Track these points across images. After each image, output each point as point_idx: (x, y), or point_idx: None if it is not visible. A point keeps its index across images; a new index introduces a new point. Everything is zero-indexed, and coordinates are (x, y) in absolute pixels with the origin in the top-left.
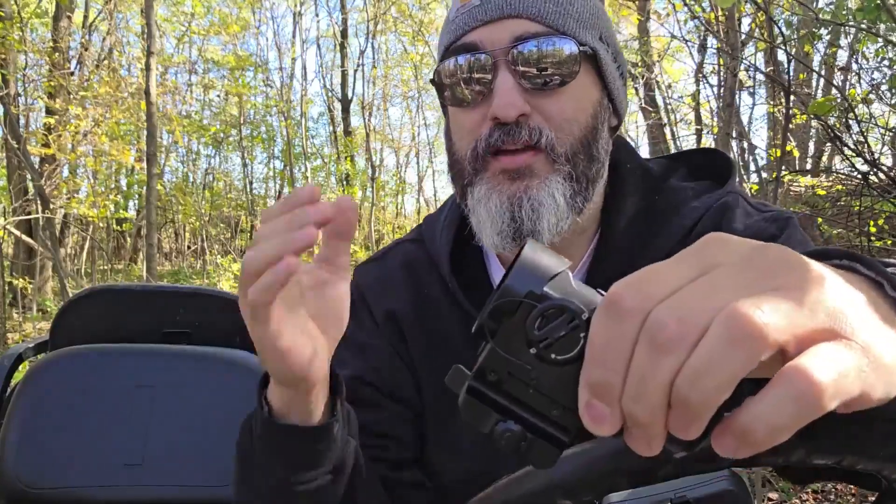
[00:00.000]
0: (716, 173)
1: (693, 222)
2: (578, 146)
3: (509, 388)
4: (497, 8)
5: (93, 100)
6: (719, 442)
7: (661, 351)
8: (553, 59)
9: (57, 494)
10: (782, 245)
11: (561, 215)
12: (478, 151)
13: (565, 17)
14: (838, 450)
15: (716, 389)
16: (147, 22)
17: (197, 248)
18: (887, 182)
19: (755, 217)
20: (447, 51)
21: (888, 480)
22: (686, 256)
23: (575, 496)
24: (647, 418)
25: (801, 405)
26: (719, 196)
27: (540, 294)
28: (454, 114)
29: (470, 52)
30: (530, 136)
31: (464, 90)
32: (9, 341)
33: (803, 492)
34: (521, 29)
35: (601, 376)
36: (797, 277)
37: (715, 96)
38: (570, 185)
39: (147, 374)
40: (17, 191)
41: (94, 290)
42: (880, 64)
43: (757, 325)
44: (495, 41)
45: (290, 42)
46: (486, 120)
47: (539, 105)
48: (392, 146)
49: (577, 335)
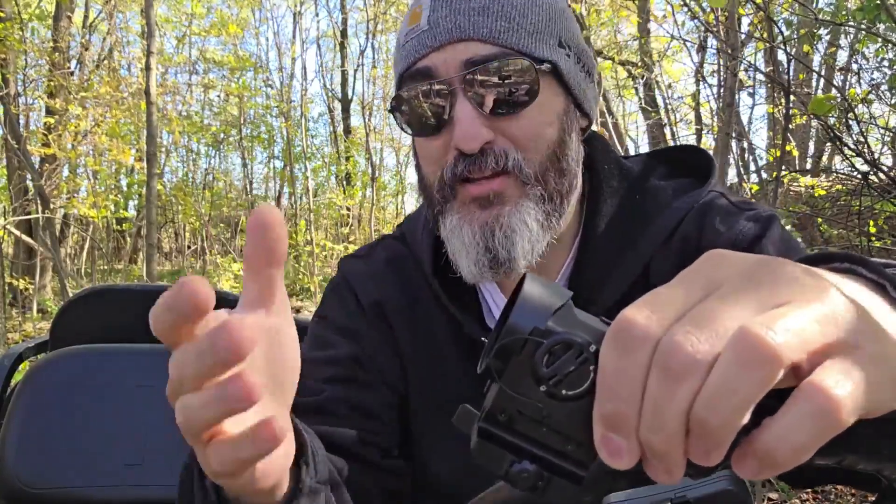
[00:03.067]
0: (696, 170)
1: (675, 223)
2: (547, 163)
3: (521, 427)
4: (446, 32)
5: (93, 100)
6: (741, 464)
7: (675, 378)
8: (510, 80)
9: (57, 494)
10: (776, 246)
11: (535, 239)
12: (445, 181)
13: (518, 33)
14: (838, 450)
15: (734, 413)
16: (147, 22)
17: (197, 248)
18: (887, 182)
19: (737, 216)
20: (401, 78)
21: (888, 480)
22: (688, 277)
23: (573, 499)
24: (665, 447)
25: (821, 423)
26: (700, 195)
27: (545, 329)
28: (418, 141)
29: (424, 78)
30: (496, 162)
31: (423, 119)
32: (9, 341)
33: (803, 492)
34: (473, 52)
35: (615, 408)
36: (802, 290)
37: (715, 96)
38: (543, 207)
39: (147, 374)
40: (17, 191)
41: (94, 290)
42: (880, 64)
43: (770, 346)
44: (449, 67)
45: (290, 42)
46: (450, 148)
47: (502, 128)
48: (392, 146)
49: (586, 369)
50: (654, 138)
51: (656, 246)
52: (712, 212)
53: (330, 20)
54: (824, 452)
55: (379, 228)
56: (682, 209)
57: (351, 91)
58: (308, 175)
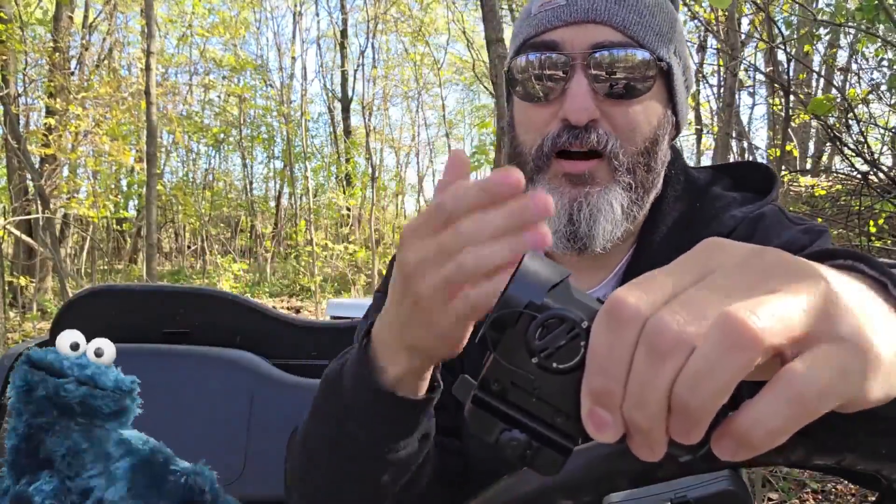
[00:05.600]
0: (759, 186)
1: (729, 230)
2: (640, 157)
3: (513, 397)
4: (583, 11)
5: (93, 100)
6: (718, 445)
7: (659, 357)
8: (629, 69)
9: None
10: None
11: (616, 223)
12: (543, 150)
13: (646, 30)
14: (838, 450)
15: (713, 394)
16: (147, 22)
17: (197, 248)
18: (887, 182)
19: (790, 229)
20: (524, 44)
21: (888, 480)
22: (683, 262)
23: (575, 496)
24: (647, 424)
25: (796, 408)
26: (758, 206)
27: (540, 304)
28: (523, 107)
29: (549, 49)
30: (598, 141)
31: (536, 86)
32: (9, 341)
33: (803, 492)
34: (603, 36)
35: (602, 384)
36: (794, 279)
37: (715, 96)
38: (629, 194)
39: (147, 374)
40: (17, 191)
41: (94, 290)
42: (880, 64)
43: (752, 329)
44: (576, 44)
45: (290, 42)
46: (556, 119)
47: (608, 112)
48: (392, 146)
49: (577, 344)
50: None
51: None
52: (765, 221)
53: (330, 20)
54: (824, 452)
55: (379, 228)
56: (737, 217)
57: (351, 91)
58: (308, 175)
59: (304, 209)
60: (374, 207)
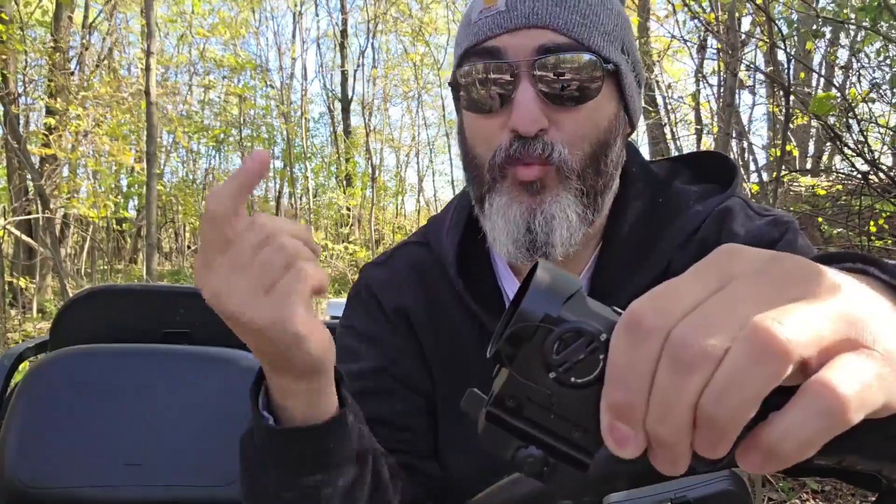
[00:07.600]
0: (720, 177)
1: (695, 226)
2: (588, 162)
3: (529, 413)
4: (523, 16)
5: (93, 100)
6: (745, 458)
7: (684, 370)
8: (575, 73)
9: (57, 494)
10: (791, 252)
11: (573, 229)
12: (496, 162)
13: (591, 31)
14: (838, 450)
15: (742, 407)
16: (147, 22)
17: (197, 248)
18: (887, 182)
19: (756, 221)
20: (466, 53)
21: (888, 480)
22: (702, 270)
23: (576, 497)
24: (673, 439)
25: (828, 419)
26: (722, 200)
27: (556, 317)
28: (471, 118)
29: (492, 57)
30: (543, 150)
31: (482, 96)
32: (9, 341)
33: (803, 492)
34: (546, 39)
35: (623, 398)
36: (815, 287)
37: (715, 96)
38: (580, 200)
39: (147, 374)
40: (17, 191)
41: (94, 290)
42: (881, 63)
43: (780, 340)
44: (519, 50)
45: (290, 42)
46: (505, 129)
47: (556, 119)
48: (392, 146)
49: (596, 357)
50: (654, 138)
51: (676, 247)
52: (731, 215)
53: (330, 20)
54: (825, 452)
55: (379, 228)
56: (702, 212)
57: (351, 91)
58: (308, 175)
59: (305, 209)
60: (374, 207)
